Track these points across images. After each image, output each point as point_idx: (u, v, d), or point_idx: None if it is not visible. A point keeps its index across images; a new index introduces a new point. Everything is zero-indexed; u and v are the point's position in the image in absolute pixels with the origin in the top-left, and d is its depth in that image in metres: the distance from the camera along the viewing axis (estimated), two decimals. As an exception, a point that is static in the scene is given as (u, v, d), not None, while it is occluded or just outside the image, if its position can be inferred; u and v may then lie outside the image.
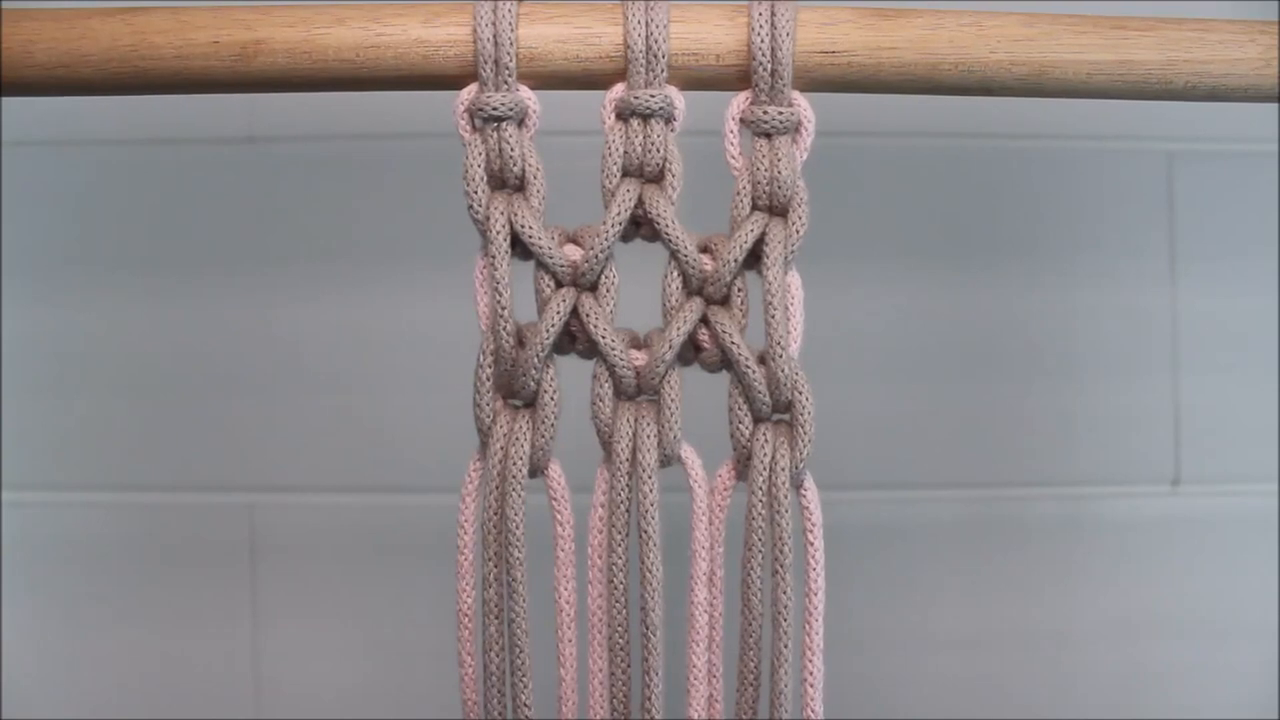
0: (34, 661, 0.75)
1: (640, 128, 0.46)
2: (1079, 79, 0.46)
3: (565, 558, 0.47)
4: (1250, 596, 0.74)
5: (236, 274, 0.74)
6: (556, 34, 0.46)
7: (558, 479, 0.47)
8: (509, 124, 0.46)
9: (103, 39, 0.45)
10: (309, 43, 0.46)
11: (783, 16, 0.45)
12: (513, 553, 0.46)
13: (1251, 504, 0.74)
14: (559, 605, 0.47)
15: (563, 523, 0.47)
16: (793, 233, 0.46)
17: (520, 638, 0.46)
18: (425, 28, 0.46)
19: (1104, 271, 0.74)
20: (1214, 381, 0.74)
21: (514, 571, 0.46)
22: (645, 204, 0.46)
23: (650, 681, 0.46)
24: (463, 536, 0.47)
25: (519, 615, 0.46)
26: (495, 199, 0.46)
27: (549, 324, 0.45)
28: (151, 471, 0.75)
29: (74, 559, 0.75)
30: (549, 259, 0.46)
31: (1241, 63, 0.46)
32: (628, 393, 0.46)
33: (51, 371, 0.75)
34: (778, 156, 0.46)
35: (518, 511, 0.46)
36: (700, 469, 0.47)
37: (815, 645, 0.47)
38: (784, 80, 0.45)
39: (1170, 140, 0.74)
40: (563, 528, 0.47)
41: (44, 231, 0.74)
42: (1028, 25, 0.46)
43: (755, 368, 0.45)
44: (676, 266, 0.46)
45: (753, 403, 0.46)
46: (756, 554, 0.46)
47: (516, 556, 0.46)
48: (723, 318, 0.46)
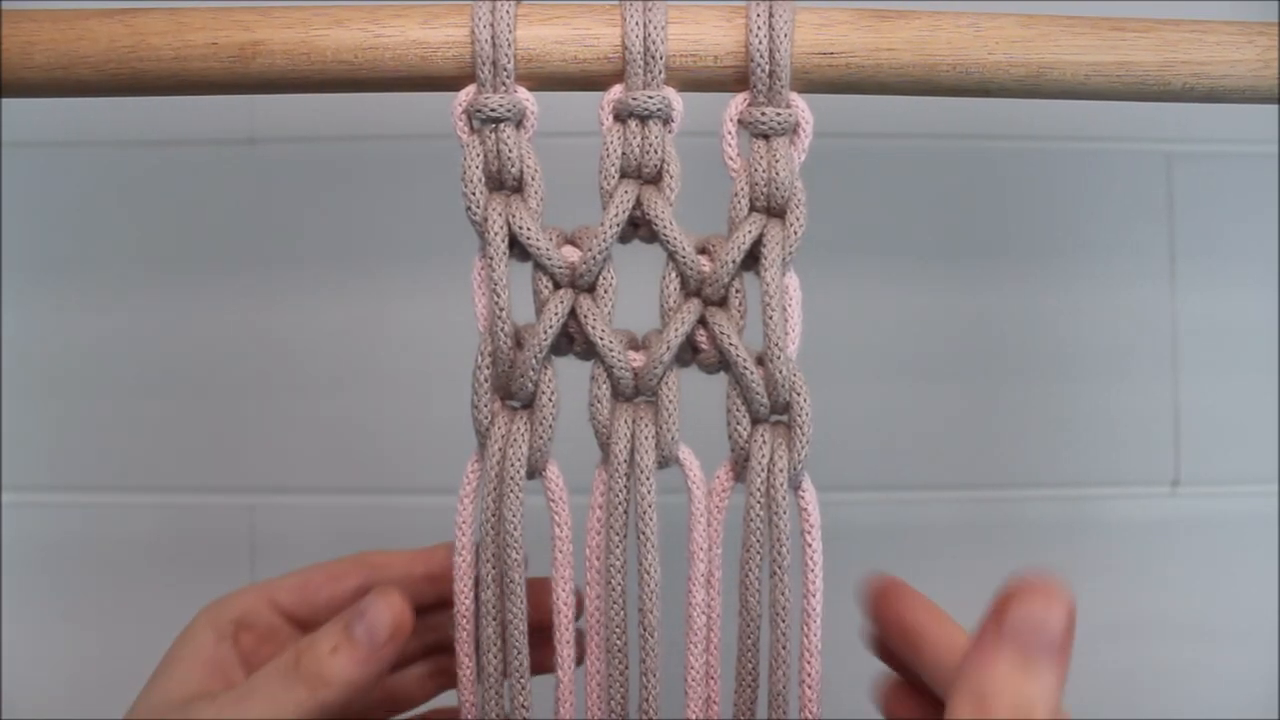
0: (34, 661, 0.75)
1: (638, 129, 0.46)
2: (1077, 80, 0.46)
3: (563, 559, 0.47)
4: (1250, 597, 0.74)
5: (236, 274, 0.74)
6: (554, 35, 0.46)
7: (556, 480, 0.47)
8: (507, 125, 0.46)
9: (101, 40, 0.45)
10: (307, 44, 0.46)
11: (781, 18, 0.45)
12: (510, 554, 0.46)
13: (1251, 504, 0.74)
14: (556, 607, 0.47)
15: (561, 524, 0.47)
16: (791, 234, 0.46)
17: (517, 639, 0.46)
18: (423, 29, 0.46)
19: (1104, 271, 0.74)
20: (1214, 382, 0.74)
21: (511, 573, 0.46)
22: (643, 205, 0.46)
23: (648, 683, 0.46)
24: (461, 538, 0.47)
25: (515, 617, 0.46)
26: (493, 200, 0.46)
27: (546, 325, 0.45)
28: (151, 472, 0.75)
29: (74, 559, 0.75)
30: (547, 260, 0.46)
31: (1240, 64, 0.46)
32: (626, 394, 0.46)
33: (51, 371, 0.75)
34: (775, 158, 0.46)
35: (515, 513, 0.46)
36: (698, 470, 0.47)
37: (814, 646, 0.46)
38: (782, 81, 0.45)
39: (1169, 141, 0.74)
40: (561, 529, 0.47)
41: (44, 231, 0.74)
42: (1026, 26, 0.46)
43: (753, 369, 0.45)
44: (674, 268, 0.46)
45: (750, 404, 0.46)
46: (755, 555, 0.46)
47: (514, 558, 0.46)
48: (720, 319, 0.46)
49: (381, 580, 0.49)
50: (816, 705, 0.47)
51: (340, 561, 0.50)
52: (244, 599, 0.49)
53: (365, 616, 0.45)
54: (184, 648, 0.47)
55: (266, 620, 0.49)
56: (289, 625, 0.49)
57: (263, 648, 0.48)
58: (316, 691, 0.44)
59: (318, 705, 0.44)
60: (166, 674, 0.47)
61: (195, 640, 0.47)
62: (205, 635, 0.47)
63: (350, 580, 0.49)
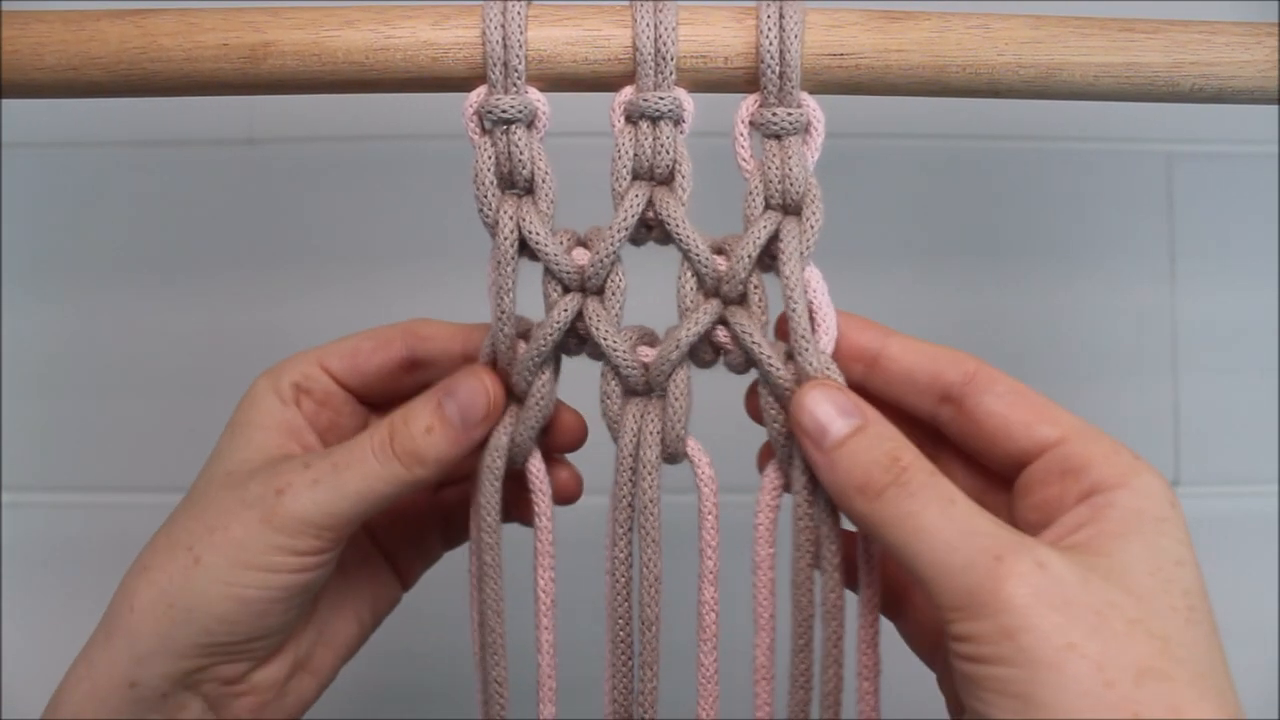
0: (34, 661, 0.75)
1: (649, 130, 0.46)
2: (1086, 81, 0.46)
3: (544, 548, 0.48)
4: (1250, 596, 0.74)
5: (236, 274, 0.74)
6: (565, 36, 0.46)
7: (537, 471, 0.48)
8: (518, 126, 0.46)
9: (112, 41, 0.45)
10: (318, 45, 0.46)
11: (791, 19, 0.45)
12: (484, 538, 0.47)
13: (1251, 504, 0.74)
14: (536, 594, 0.47)
15: (541, 514, 0.48)
16: (808, 228, 0.45)
17: (491, 619, 0.47)
18: (434, 30, 0.46)
19: (1104, 272, 0.75)
20: (1214, 382, 0.75)
21: (485, 555, 0.47)
22: (656, 206, 0.46)
23: (645, 676, 0.46)
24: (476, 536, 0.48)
25: (490, 597, 0.47)
26: (505, 202, 0.46)
27: (547, 331, 0.46)
28: (151, 471, 0.75)
29: (74, 559, 0.75)
30: (555, 265, 0.46)
31: (1248, 65, 0.46)
32: (637, 390, 0.46)
33: (51, 371, 0.75)
34: (789, 156, 0.46)
35: (490, 499, 0.46)
36: (708, 466, 0.47)
37: (872, 639, 0.46)
38: (792, 83, 0.45)
39: (1170, 141, 0.74)
40: (541, 519, 0.48)
41: (44, 231, 0.74)
42: (1035, 27, 0.46)
43: (780, 365, 0.45)
44: (689, 267, 0.46)
45: (783, 401, 0.45)
46: (804, 554, 0.45)
47: (487, 541, 0.47)
48: (741, 317, 0.45)
49: (425, 352, 0.49)
50: (875, 699, 0.46)
51: (389, 328, 0.50)
52: (301, 364, 0.49)
53: (457, 396, 0.46)
54: (251, 412, 0.48)
55: (322, 385, 0.49)
56: (342, 391, 0.49)
57: (322, 412, 0.49)
58: (412, 469, 0.45)
59: (413, 480, 0.45)
60: (240, 439, 0.47)
61: (261, 405, 0.48)
62: (270, 400, 0.48)
63: (396, 348, 0.49)
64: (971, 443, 0.44)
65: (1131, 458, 0.41)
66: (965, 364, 0.44)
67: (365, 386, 0.50)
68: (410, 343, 0.49)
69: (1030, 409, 0.43)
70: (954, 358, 0.44)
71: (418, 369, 0.49)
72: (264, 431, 0.47)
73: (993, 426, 0.43)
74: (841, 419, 0.42)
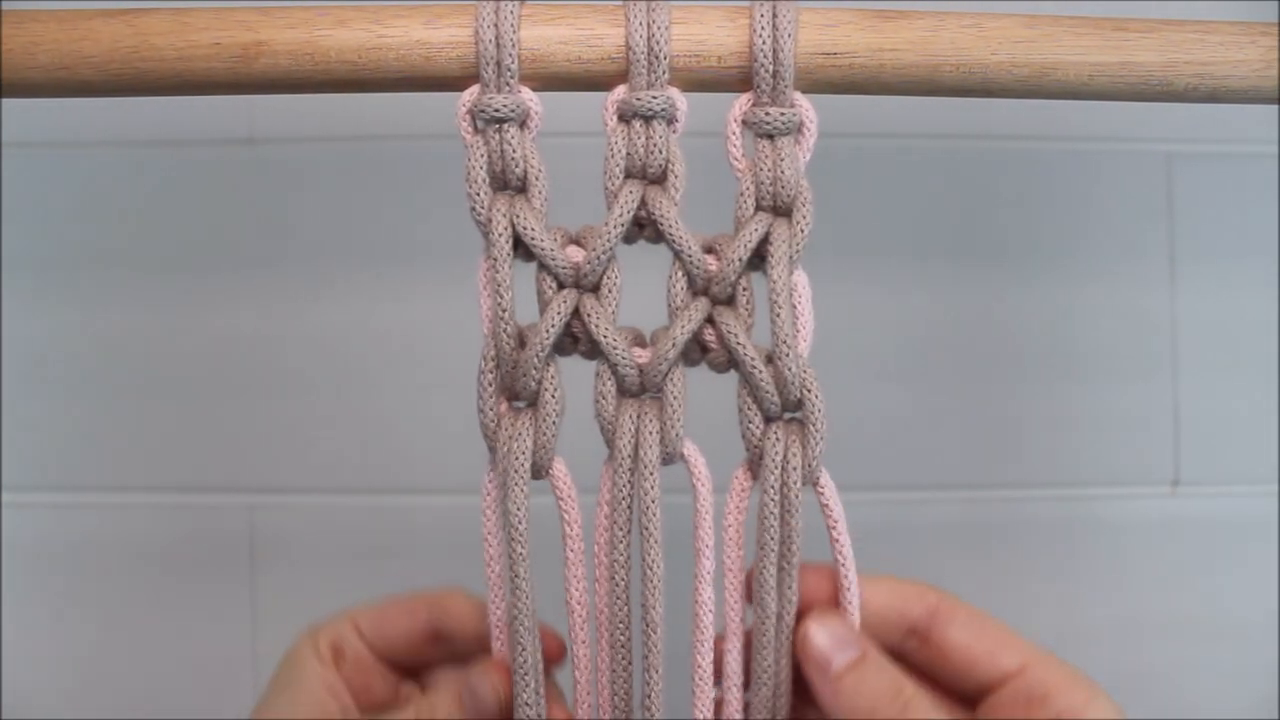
0: (34, 661, 0.75)
1: (642, 129, 0.46)
2: (1080, 80, 0.46)
3: (575, 557, 0.47)
4: (1250, 597, 0.74)
5: (236, 274, 0.74)
6: (558, 35, 0.46)
7: (563, 478, 0.47)
8: (511, 125, 0.46)
9: (104, 40, 0.45)
10: (310, 44, 0.45)
11: (784, 18, 0.45)
12: (515, 549, 0.45)
13: (1251, 505, 0.74)
14: (570, 606, 0.47)
15: (570, 522, 0.47)
16: (797, 232, 0.46)
17: (523, 635, 0.46)
18: (427, 29, 0.46)
19: (1104, 272, 0.74)
20: (1214, 382, 0.75)
21: (516, 568, 0.45)
22: (648, 205, 0.46)
23: (650, 679, 0.46)
24: (488, 549, 0.47)
25: (522, 612, 0.46)
26: (497, 201, 0.46)
27: (549, 325, 0.45)
28: (151, 471, 0.75)
29: (74, 559, 0.75)
30: (551, 261, 0.46)
31: (1242, 64, 0.46)
32: (631, 390, 0.46)
33: (51, 371, 0.75)
34: (781, 157, 0.46)
35: (520, 506, 0.45)
36: (703, 466, 0.47)
37: None
38: (785, 82, 0.45)
39: (1170, 141, 0.74)
40: (570, 527, 0.47)
41: (44, 232, 0.74)
42: (1029, 27, 0.46)
43: (761, 367, 0.45)
44: (680, 267, 0.46)
45: (761, 402, 0.45)
46: (770, 554, 0.46)
47: (519, 553, 0.45)
48: (728, 318, 0.45)
49: (447, 624, 0.50)
50: None
51: (418, 598, 0.51)
52: (338, 625, 0.50)
53: (476, 694, 0.48)
54: (295, 670, 0.49)
55: (354, 647, 0.50)
56: (371, 655, 0.51)
57: (356, 677, 0.50)
58: None
59: None
60: (283, 699, 0.49)
61: (305, 665, 0.49)
62: (312, 661, 0.49)
63: (420, 619, 0.51)
64: (938, 672, 0.47)
65: (1088, 684, 0.45)
66: (927, 597, 0.47)
67: (391, 651, 0.51)
68: (435, 614, 0.50)
69: (992, 639, 0.46)
70: (917, 591, 0.47)
71: (440, 641, 0.51)
72: (310, 692, 0.48)
73: (958, 658, 0.46)
74: (840, 652, 0.45)
